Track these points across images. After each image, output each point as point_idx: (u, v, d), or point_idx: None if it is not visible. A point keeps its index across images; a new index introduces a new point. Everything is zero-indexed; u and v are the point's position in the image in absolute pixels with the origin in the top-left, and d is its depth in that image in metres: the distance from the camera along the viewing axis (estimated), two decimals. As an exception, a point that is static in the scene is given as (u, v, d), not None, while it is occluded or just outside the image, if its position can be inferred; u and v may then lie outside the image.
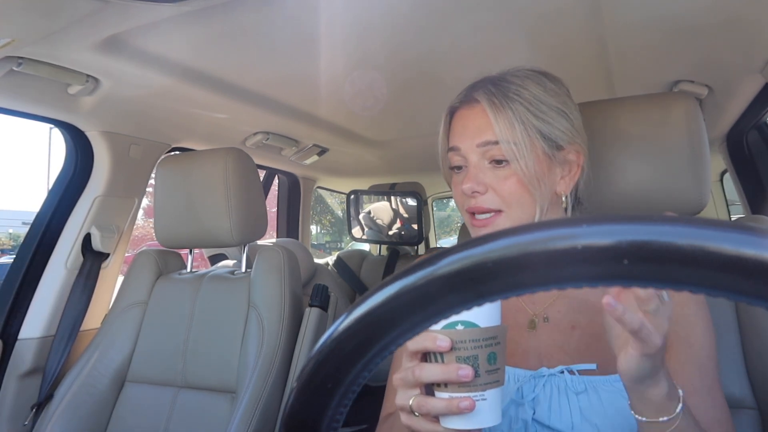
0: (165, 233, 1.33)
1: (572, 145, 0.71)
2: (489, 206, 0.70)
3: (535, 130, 0.68)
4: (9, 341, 1.36)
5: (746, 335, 0.82)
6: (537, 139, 0.68)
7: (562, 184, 0.72)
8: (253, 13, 0.91)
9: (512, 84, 0.70)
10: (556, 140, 0.69)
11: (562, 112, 0.70)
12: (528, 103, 0.68)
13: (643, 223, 0.19)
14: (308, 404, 0.25)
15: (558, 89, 0.72)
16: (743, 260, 0.17)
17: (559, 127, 0.69)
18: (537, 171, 0.68)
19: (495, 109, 0.68)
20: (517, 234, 0.21)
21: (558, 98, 0.71)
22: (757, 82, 1.24)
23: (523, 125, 0.67)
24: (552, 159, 0.70)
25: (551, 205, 0.71)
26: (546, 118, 0.69)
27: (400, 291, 0.23)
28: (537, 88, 0.70)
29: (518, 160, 0.67)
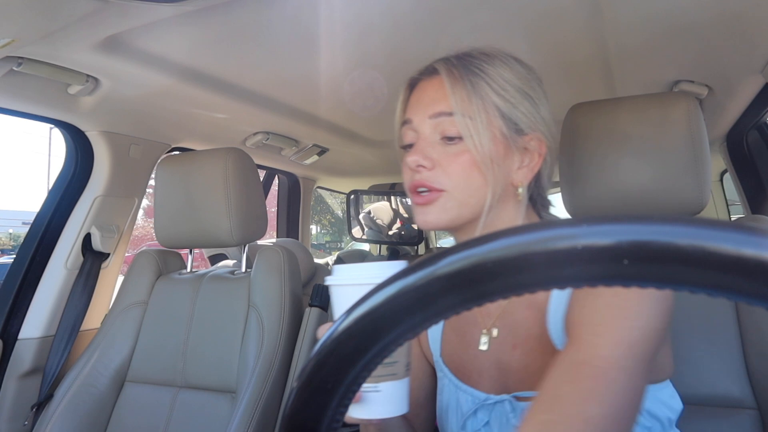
0: (165, 233, 1.33)
1: (534, 131, 0.65)
2: (432, 184, 0.63)
3: (494, 107, 0.63)
4: (9, 341, 1.36)
5: (746, 335, 0.82)
6: (495, 117, 0.63)
7: (519, 174, 0.65)
8: (253, 13, 0.91)
9: (477, 59, 0.65)
10: (517, 122, 0.64)
11: (528, 96, 0.65)
12: (490, 78, 0.63)
13: (643, 223, 0.19)
14: (308, 404, 0.25)
15: (527, 74, 0.67)
16: (743, 260, 0.17)
17: (522, 110, 0.64)
18: (492, 151, 0.62)
19: (453, 80, 0.63)
20: (517, 234, 0.21)
21: (525, 82, 0.65)
22: (757, 82, 1.24)
23: (481, 100, 0.62)
24: (510, 143, 0.64)
25: (505, 194, 0.65)
26: (508, 97, 0.63)
27: (400, 291, 0.23)
28: (503, 67, 0.65)
29: (472, 136, 0.62)
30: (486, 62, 0.64)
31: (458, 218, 0.64)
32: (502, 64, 0.65)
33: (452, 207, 0.63)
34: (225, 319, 1.25)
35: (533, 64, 0.71)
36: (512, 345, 0.66)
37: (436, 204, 0.64)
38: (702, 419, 0.82)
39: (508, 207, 0.66)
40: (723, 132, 1.69)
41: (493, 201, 0.64)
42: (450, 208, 0.63)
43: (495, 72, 0.64)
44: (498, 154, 0.63)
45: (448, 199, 0.63)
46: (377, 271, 0.51)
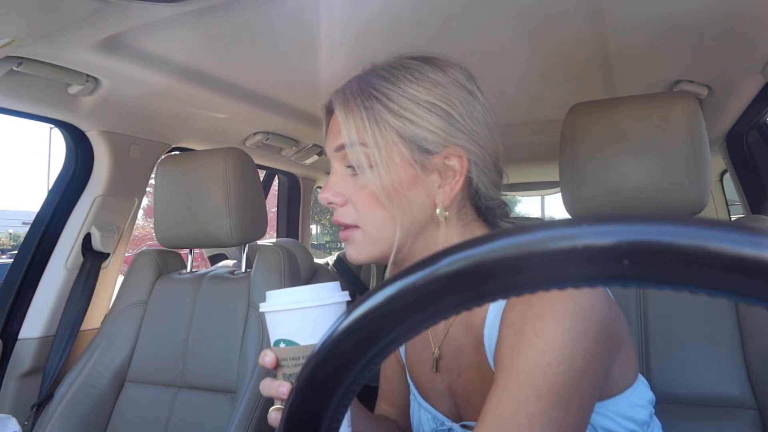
0: (165, 233, 1.33)
1: (447, 148, 0.58)
2: (345, 220, 0.61)
3: (393, 131, 0.57)
4: (9, 341, 1.36)
5: (746, 336, 0.82)
6: (395, 143, 0.57)
7: (441, 194, 0.60)
8: (253, 13, 0.91)
9: (377, 77, 0.60)
10: (420, 143, 0.58)
11: (438, 108, 0.58)
12: (388, 99, 0.58)
13: (643, 223, 0.19)
14: (308, 404, 0.26)
15: (443, 78, 0.59)
16: (744, 260, 0.17)
17: (426, 127, 0.58)
18: (395, 181, 0.57)
19: (346, 110, 0.59)
20: (517, 234, 0.21)
21: (436, 90, 0.58)
22: (758, 82, 1.24)
23: (377, 126, 0.57)
24: (418, 165, 0.58)
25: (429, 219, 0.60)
26: (409, 116, 0.57)
27: (400, 291, 0.23)
28: (407, 80, 0.59)
29: (367, 168, 0.57)
30: (385, 80, 0.59)
31: (380, 254, 0.60)
32: (406, 77, 0.59)
33: (368, 244, 0.60)
34: (225, 319, 1.25)
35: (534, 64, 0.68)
36: (456, 372, 0.63)
37: (353, 241, 0.61)
38: (702, 419, 0.82)
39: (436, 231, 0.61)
40: (723, 132, 1.69)
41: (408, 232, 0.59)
42: (367, 245, 0.60)
43: (393, 90, 0.58)
44: (403, 181, 0.58)
45: (362, 237, 0.60)
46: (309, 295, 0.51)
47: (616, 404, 0.59)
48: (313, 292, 0.51)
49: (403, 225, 0.59)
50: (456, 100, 0.59)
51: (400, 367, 0.78)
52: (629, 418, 0.59)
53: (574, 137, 0.92)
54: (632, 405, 0.59)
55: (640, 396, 0.61)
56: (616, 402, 0.59)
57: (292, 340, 0.51)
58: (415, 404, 0.71)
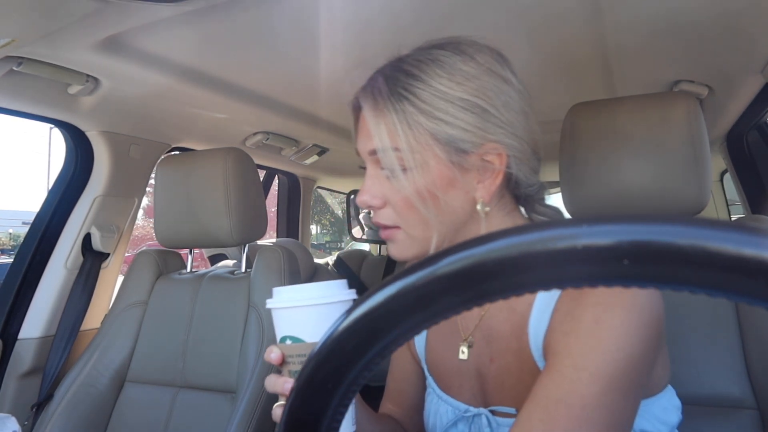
0: (165, 233, 1.33)
1: (484, 145, 0.56)
2: (386, 222, 0.60)
3: (427, 134, 0.55)
4: (9, 341, 1.36)
5: (746, 336, 0.82)
6: (429, 146, 0.55)
7: (480, 190, 0.58)
8: (253, 13, 0.91)
9: (406, 74, 0.57)
10: (456, 144, 0.56)
11: (472, 105, 0.55)
12: (419, 100, 0.55)
13: (643, 223, 0.19)
14: (308, 404, 0.26)
15: (474, 70, 0.57)
16: (744, 260, 0.17)
17: (461, 126, 0.55)
18: (430, 184, 0.56)
19: (377, 113, 0.57)
20: (517, 234, 0.21)
21: (469, 85, 0.56)
22: (758, 82, 1.24)
23: (410, 129, 0.55)
24: (456, 167, 0.56)
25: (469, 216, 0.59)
26: (443, 117, 0.55)
27: (400, 291, 0.23)
28: (438, 76, 0.56)
29: (401, 173, 0.56)
30: (415, 77, 0.56)
31: (422, 252, 0.60)
32: (437, 72, 0.56)
33: (411, 243, 0.60)
34: (225, 319, 1.25)
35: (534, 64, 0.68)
36: (490, 358, 0.63)
37: (395, 241, 0.61)
38: (702, 419, 0.82)
39: (478, 224, 0.60)
40: (723, 132, 1.69)
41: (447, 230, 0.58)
42: (409, 245, 0.60)
43: (424, 89, 0.55)
44: (439, 184, 0.56)
45: (404, 236, 0.60)
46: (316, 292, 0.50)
47: (651, 405, 0.59)
48: (320, 289, 0.50)
49: (441, 225, 0.58)
50: (491, 92, 0.56)
51: (410, 368, 0.78)
52: (663, 420, 0.59)
53: (574, 137, 0.92)
54: (664, 408, 0.60)
55: (670, 400, 0.61)
56: (652, 403, 0.59)
57: (299, 337, 0.51)
58: (432, 398, 0.70)
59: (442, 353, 0.69)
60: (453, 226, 0.59)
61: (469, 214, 0.59)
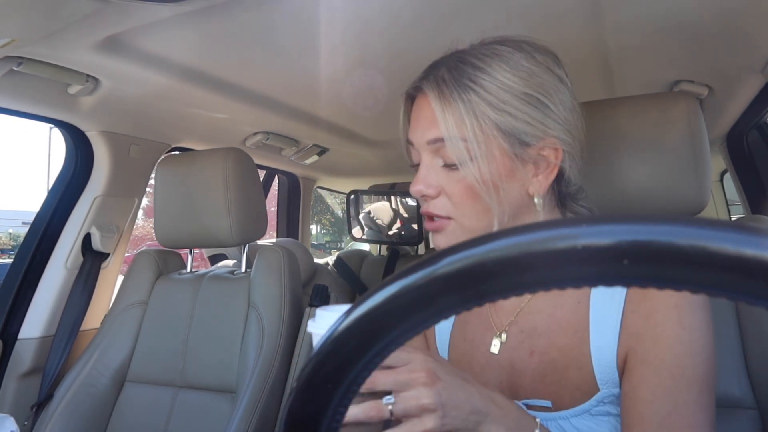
0: (165, 233, 1.34)
1: (544, 140, 0.58)
2: (439, 212, 0.61)
3: (492, 124, 0.56)
4: (9, 341, 1.36)
5: (746, 335, 0.82)
6: (494, 137, 0.57)
7: (535, 183, 0.60)
8: (253, 13, 0.91)
9: (472, 66, 0.58)
10: (520, 136, 0.57)
11: (534, 100, 0.57)
12: (485, 91, 0.56)
13: (643, 223, 0.19)
14: (308, 404, 0.25)
15: (535, 67, 0.58)
16: (744, 260, 0.17)
17: (525, 119, 0.57)
18: (494, 174, 0.57)
19: (443, 101, 0.58)
20: (517, 234, 0.21)
21: (531, 81, 0.57)
22: (758, 82, 1.24)
23: (476, 119, 0.56)
24: (517, 159, 0.58)
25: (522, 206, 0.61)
26: (508, 109, 0.56)
27: (400, 291, 0.23)
28: (503, 69, 0.57)
29: (468, 162, 0.57)
30: (480, 70, 0.57)
31: None
32: (501, 66, 0.57)
33: (461, 234, 0.61)
34: (225, 319, 1.25)
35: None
36: (530, 351, 0.63)
37: (445, 232, 0.62)
38: (702, 419, 0.82)
39: (528, 218, 0.62)
40: (723, 132, 1.69)
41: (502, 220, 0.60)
42: (459, 235, 0.61)
43: (490, 81, 0.57)
44: (502, 174, 0.58)
45: (456, 227, 0.61)
46: None
47: None
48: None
49: (499, 215, 0.59)
50: (551, 89, 0.58)
51: None
52: None
53: (574, 137, 0.92)
54: None
55: None
56: None
57: None
58: None
59: (468, 348, 0.69)
60: (511, 214, 0.60)
61: (524, 206, 0.61)
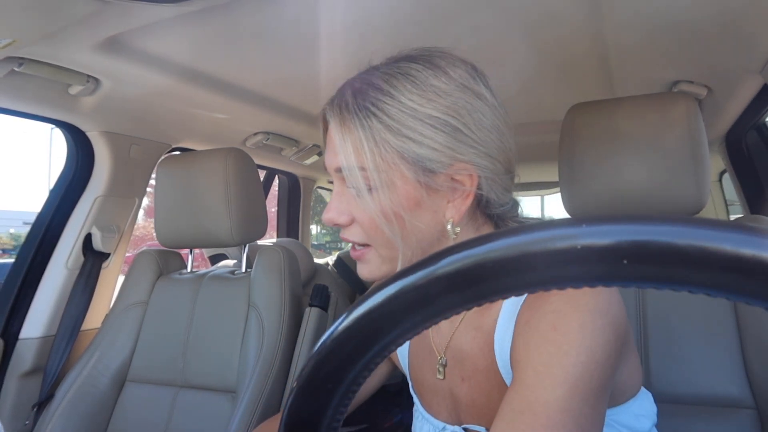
0: (165, 233, 1.34)
1: (453, 166, 0.54)
2: (355, 239, 0.58)
3: (394, 152, 0.52)
4: (10, 341, 1.36)
5: (745, 335, 0.82)
6: (396, 165, 0.53)
7: (450, 210, 0.56)
8: (254, 14, 0.91)
9: (375, 88, 0.54)
10: (424, 164, 0.53)
11: (442, 123, 0.53)
12: (387, 116, 0.52)
13: (642, 223, 0.19)
14: (308, 404, 0.26)
15: (447, 85, 0.54)
16: (743, 260, 0.18)
17: (430, 145, 0.52)
18: (396, 204, 0.54)
19: (343, 129, 0.54)
20: (517, 234, 0.21)
21: (440, 102, 0.53)
22: (757, 83, 1.24)
23: (376, 147, 0.52)
24: (424, 187, 0.54)
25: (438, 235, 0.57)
26: (411, 135, 0.52)
27: (400, 291, 0.23)
28: (408, 91, 0.53)
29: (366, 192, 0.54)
30: (384, 92, 0.53)
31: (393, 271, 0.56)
32: (406, 87, 0.53)
33: (380, 262, 0.58)
34: (225, 319, 1.25)
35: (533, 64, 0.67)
36: (461, 377, 0.62)
37: (366, 260, 0.59)
38: (701, 419, 0.82)
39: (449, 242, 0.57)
40: (722, 132, 1.69)
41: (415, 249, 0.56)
42: (379, 264, 0.59)
43: (393, 104, 0.53)
44: (405, 204, 0.54)
45: (375, 255, 0.58)
46: None
47: (618, 413, 0.58)
48: None
49: (405, 247, 0.56)
50: (463, 109, 0.54)
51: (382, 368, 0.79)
52: (631, 428, 0.58)
53: (573, 137, 0.92)
54: (635, 415, 0.59)
55: (642, 407, 0.60)
56: (619, 411, 0.58)
57: None
58: (417, 415, 0.71)
59: (422, 373, 0.69)
60: (419, 246, 0.57)
61: (438, 234, 0.57)
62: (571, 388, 0.46)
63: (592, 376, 0.47)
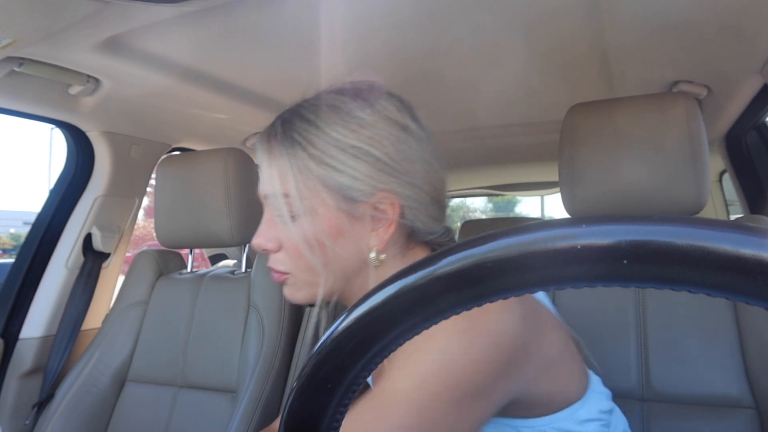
0: (165, 233, 1.34)
1: (375, 195, 0.55)
2: (276, 267, 0.59)
3: (317, 180, 0.54)
4: (10, 341, 1.36)
5: (745, 335, 0.83)
6: (318, 193, 0.55)
7: (374, 238, 0.57)
8: (254, 14, 0.91)
9: (302, 119, 0.57)
10: (346, 192, 0.55)
11: (364, 153, 0.54)
12: (312, 145, 0.55)
13: (642, 223, 0.19)
14: (308, 404, 0.26)
15: (371, 117, 0.56)
16: (742, 260, 0.18)
17: (352, 174, 0.54)
18: (318, 232, 0.55)
19: (270, 157, 0.57)
20: (517, 233, 0.21)
21: (363, 133, 0.55)
22: (756, 83, 1.24)
23: (300, 175, 0.55)
24: (346, 215, 0.56)
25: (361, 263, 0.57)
26: (333, 164, 0.54)
27: (400, 291, 0.23)
28: (333, 122, 0.55)
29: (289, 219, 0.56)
30: (310, 122, 0.56)
31: (313, 297, 0.60)
32: (332, 118, 0.56)
33: (300, 286, 0.60)
34: (225, 319, 1.25)
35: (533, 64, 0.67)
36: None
37: (288, 285, 0.61)
38: (700, 419, 0.82)
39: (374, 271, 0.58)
40: (722, 132, 1.69)
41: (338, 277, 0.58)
42: (299, 287, 0.60)
43: (318, 134, 0.55)
44: (326, 231, 0.55)
45: (295, 281, 0.60)
46: None
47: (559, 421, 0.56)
48: None
49: (327, 274, 0.57)
50: (386, 140, 0.55)
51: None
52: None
53: (573, 137, 0.92)
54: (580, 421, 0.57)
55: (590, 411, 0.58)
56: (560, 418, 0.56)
57: None
58: None
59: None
60: (342, 275, 0.58)
61: (361, 263, 0.58)
62: (420, 381, 0.46)
63: (449, 375, 0.46)
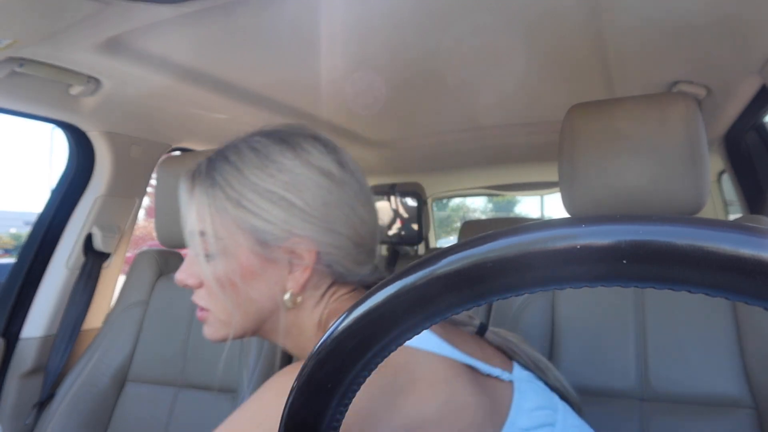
0: (165, 233, 1.34)
1: (290, 239, 0.55)
2: (199, 302, 0.60)
3: (232, 221, 0.55)
4: (11, 340, 1.36)
5: (744, 335, 0.83)
6: (233, 234, 0.55)
7: (291, 281, 0.57)
8: (254, 14, 0.91)
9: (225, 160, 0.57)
10: (259, 235, 0.55)
11: (279, 198, 0.55)
12: (230, 186, 0.55)
13: (642, 223, 0.19)
14: (308, 404, 0.26)
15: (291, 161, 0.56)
16: (742, 260, 0.18)
17: (266, 218, 0.55)
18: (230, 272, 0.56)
19: (190, 195, 0.58)
20: (517, 233, 0.21)
21: (280, 177, 0.55)
22: (756, 83, 1.24)
23: (217, 215, 0.55)
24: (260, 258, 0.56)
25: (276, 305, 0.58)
26: (249, 207, 0.55)
27: (400, 291, 0.23)
28: (252, 166, 0.56)
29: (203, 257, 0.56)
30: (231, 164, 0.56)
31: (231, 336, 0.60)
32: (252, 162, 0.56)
33: (219, 326, 0.60)
34: (225, 319, 1.25)
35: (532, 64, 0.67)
36: None
37: (207, 323, 0.61)
38: (700, 418, 0.82)
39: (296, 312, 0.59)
40: (721, 132, 1.69)
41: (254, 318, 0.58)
42: (218, 327, 0.60)
43: (236, 176, 0.56)
44: (239, 272, 0.56)
45: (214, 319, 0.59)
46: None
47: None
48: None
49: (238, 314, 0.57)
50: (304, 186, 0.56)
51: None
52: None
53: (573, 138, 0.92)
54: None
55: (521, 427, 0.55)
56: None
57: None
58: None
59: None
60: (256, 316, 0.58)
61: (276, 305, 0.58)
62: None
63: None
